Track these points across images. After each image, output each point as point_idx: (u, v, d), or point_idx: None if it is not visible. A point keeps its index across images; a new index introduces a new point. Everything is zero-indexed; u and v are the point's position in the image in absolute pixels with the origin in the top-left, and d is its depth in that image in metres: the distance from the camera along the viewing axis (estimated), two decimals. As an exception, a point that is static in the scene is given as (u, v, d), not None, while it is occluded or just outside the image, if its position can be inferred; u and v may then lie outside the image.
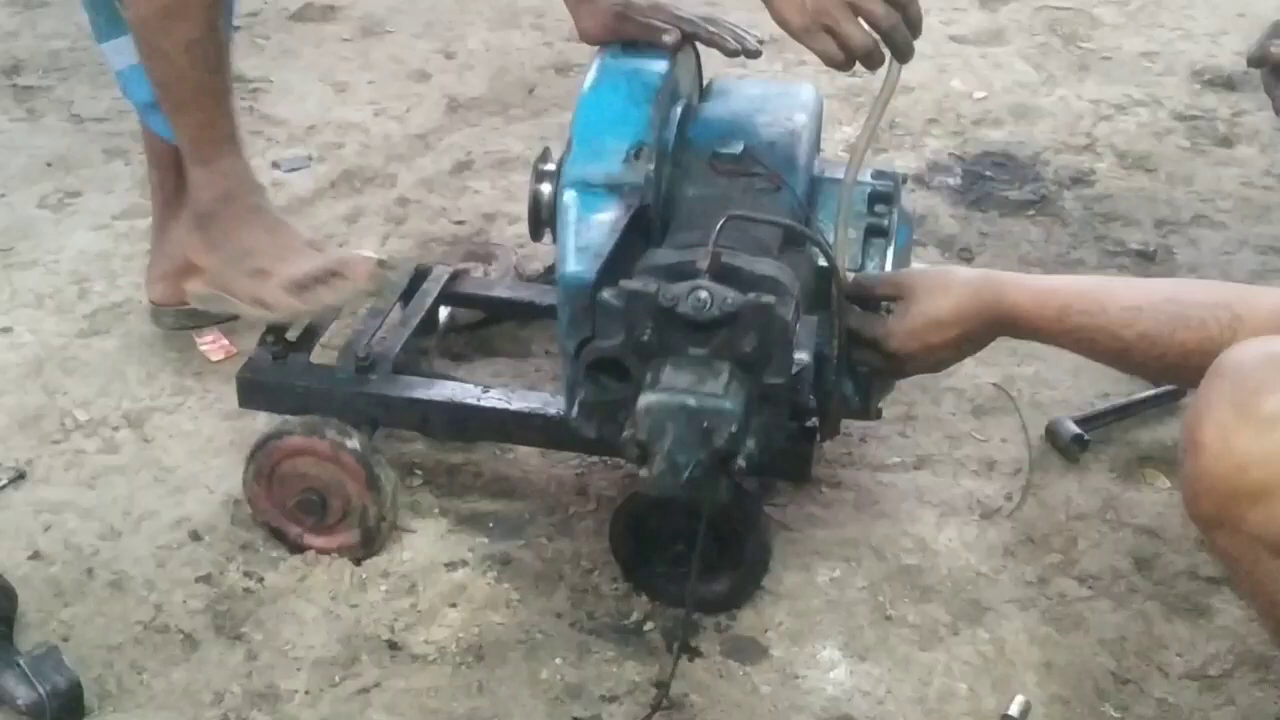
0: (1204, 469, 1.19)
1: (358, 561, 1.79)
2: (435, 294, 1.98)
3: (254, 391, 1.82)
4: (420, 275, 2.02)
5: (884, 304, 1.61)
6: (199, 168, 1.88)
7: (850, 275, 1.61)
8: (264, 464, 1.78)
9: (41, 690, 1.56)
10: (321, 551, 1.79)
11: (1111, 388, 2.04)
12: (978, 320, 1.55)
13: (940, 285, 1.57)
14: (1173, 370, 1.43)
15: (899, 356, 1.59)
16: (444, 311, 2.07)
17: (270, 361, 1.82)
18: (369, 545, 1.79)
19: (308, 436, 1.75)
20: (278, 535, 1.81)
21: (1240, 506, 1.18)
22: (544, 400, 1.78)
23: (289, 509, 1.78)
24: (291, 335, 1.86)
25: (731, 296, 1.44)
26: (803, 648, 1.69)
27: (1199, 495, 1.21)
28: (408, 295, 1.98)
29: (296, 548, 1.80)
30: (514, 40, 3.12)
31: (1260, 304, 1.36)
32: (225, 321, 2.15)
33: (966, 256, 2.39)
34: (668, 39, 1.64)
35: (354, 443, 1.74)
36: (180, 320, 2.16)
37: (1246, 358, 1.20)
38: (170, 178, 2.08)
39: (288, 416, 1.80)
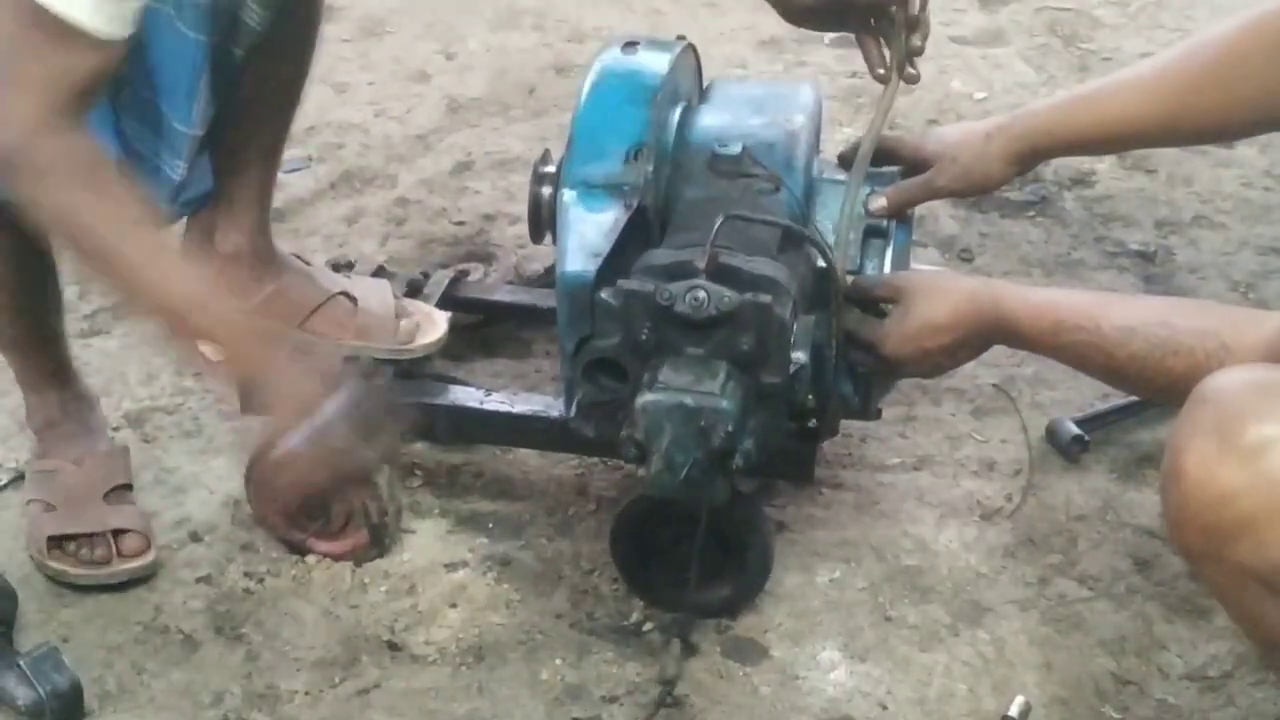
0: (1188, 499, 1.16)
1: (358, 563, 1.79)
2: (436, 298, 1.98)
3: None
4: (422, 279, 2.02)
5: (883, 306, 1.61)
6: (27, 391, 1.87)
7: (849, 277, 1.61)
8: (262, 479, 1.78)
9: (41, 691, 1.56)
10: (337, 558, 1.79)
11: (1111, 388, 2.04)
12: (973, 327, 1.55)
13: (938, 290, 1.56)
14: (1162, 394, 1.41)
15: (894, 360, 1.59)
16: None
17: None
18: (379, 543, 1.78)
19: None
20: (292, 547, 1.80)
21: (1226, 538, 1.15)
22: (546, 403, 1.78)
23: (294, 518, 1.78)
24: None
25: (729, 296, 1.44)
26: (803, 648, 1.69)
27: (1183, 527, 1.18)
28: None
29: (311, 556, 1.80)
30: (514, 41, 3.12)
31: (1248, 333, 1.33)
32: None
33: (966, 257, 2.39)
34: None
35: None
36: None
37: (1229, 385, 1.17)
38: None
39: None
